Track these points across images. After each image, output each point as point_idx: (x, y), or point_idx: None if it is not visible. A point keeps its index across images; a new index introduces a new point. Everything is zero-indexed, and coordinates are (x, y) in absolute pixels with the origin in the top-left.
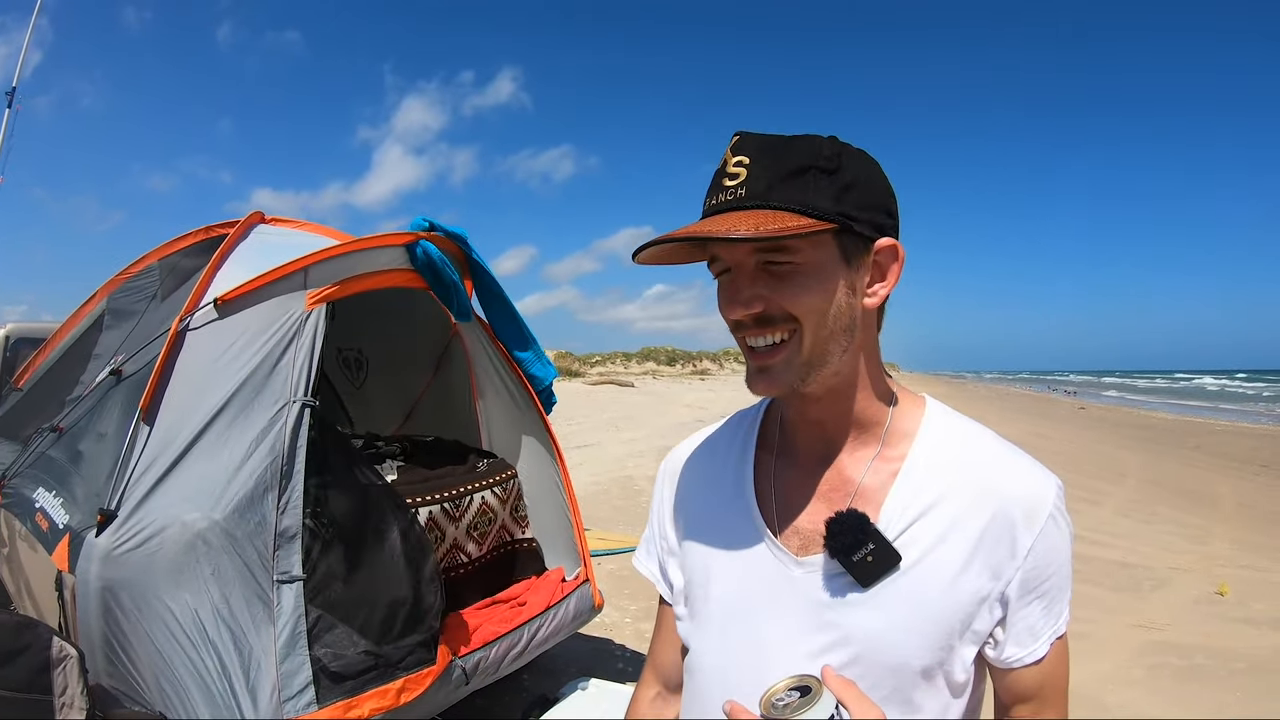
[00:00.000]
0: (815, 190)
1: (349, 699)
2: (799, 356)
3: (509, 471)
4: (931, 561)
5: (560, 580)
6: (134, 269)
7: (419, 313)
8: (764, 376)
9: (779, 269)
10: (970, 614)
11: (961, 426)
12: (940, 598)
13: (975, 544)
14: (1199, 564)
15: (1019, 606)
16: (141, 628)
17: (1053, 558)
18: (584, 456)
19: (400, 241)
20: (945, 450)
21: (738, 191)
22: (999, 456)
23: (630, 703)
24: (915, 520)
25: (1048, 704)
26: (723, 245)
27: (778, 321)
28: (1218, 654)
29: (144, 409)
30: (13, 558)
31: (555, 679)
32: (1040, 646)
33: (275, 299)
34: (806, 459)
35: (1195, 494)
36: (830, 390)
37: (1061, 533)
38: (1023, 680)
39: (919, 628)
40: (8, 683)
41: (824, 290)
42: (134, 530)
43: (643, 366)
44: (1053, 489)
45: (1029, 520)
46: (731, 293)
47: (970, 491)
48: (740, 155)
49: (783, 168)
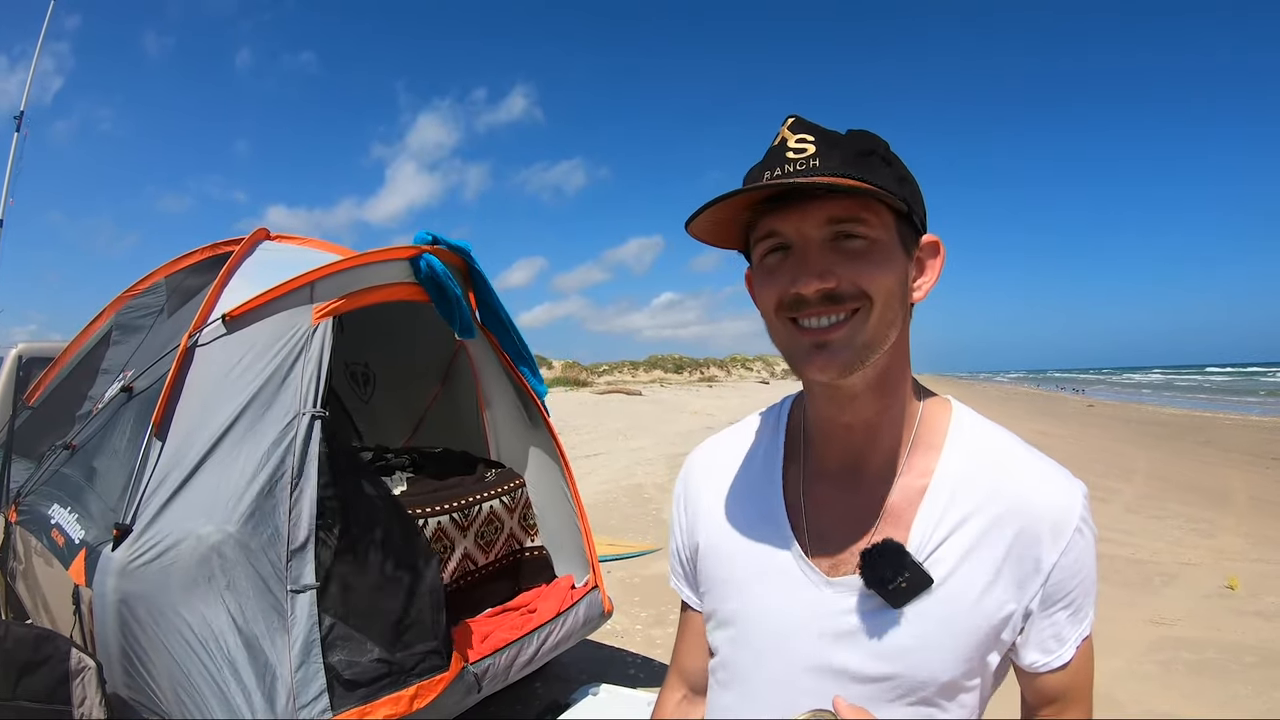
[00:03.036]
0: (879, 173)
1: (363, 706)
2: (861, 335)
3: (517, 480)
4: (960, 578)
5: (570, 587)
6: (140, 286)
7: (425, 326)
8: (823, 353)
9: (852, 244)
10: (998, 627)
11: (988, 436)
12: (968, 614)
13: (1002, 560)
14: (1209, 558)
15: (1045, 615)
16: (158, 639)
17: (1079, 568)
18: (592, 465)
19: (404, 255)
20: (972, 464)
21: (809, 163)
22: (1026, 468)
23: (656, 705)
24: (944, 539)
25: (1072, 704)
26: (789, 216)
27: (846, 300)
28: (1229, 648)
29: (156, 424)
30: (29, 573)
31: (566, 685)
32: (1067, 651)
33: (282, 314)
34: (834, 472)
35: (1205, 489)
36: (870, 384)
37: (1087, 541)
38: (1049, 683)
39: (947, 644)
40: (29, 693)
41: (892, 271)
42: (149, 544)
43: (650, 375)
44: (1079, 499)
45: (1056, 534)
46: (799, 266)
47: (997, 507)
48: (803, 134)
49: (849, 149)
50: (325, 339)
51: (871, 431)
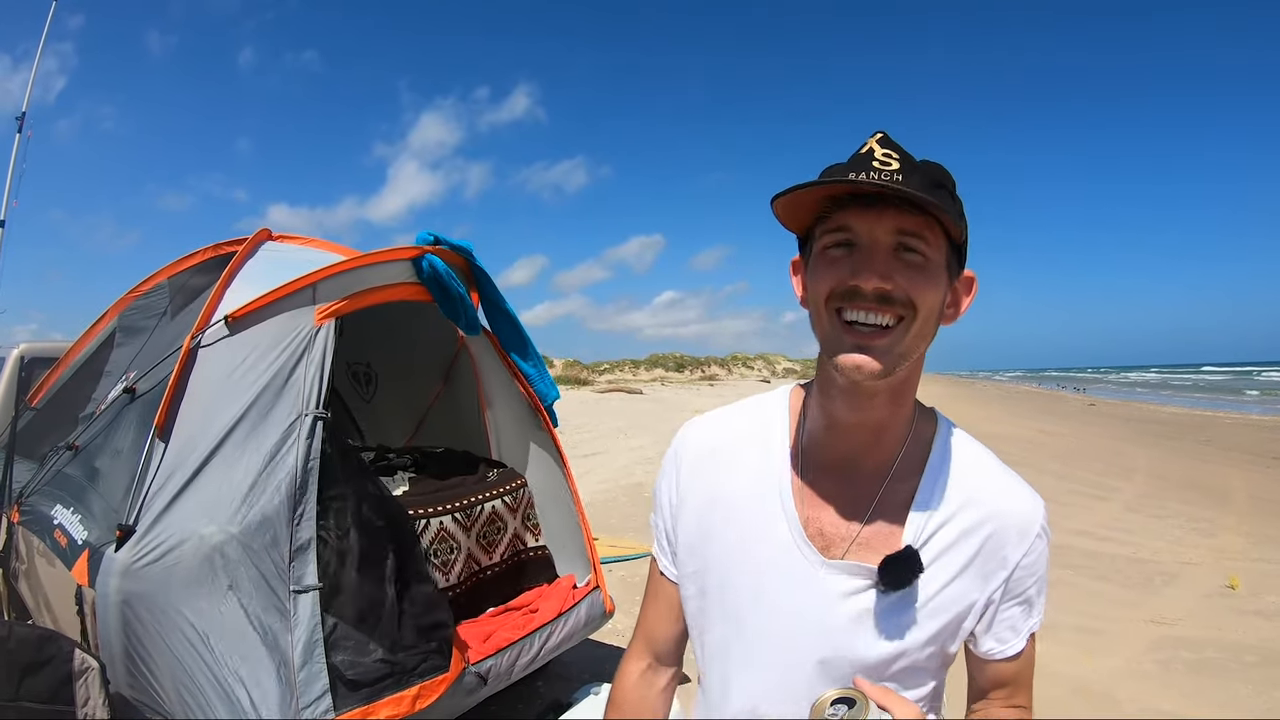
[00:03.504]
0: (948, 204)
1: (365, 706)
2: (901, 344)
3: (519, 480)
4: (938, 571)
5: (571, 587)
6: (143, 287)
7: (426, 326)
8: (865, 354)
9: (912, 257)
10: (963, 614)
11: (968, 449)
12: (942, 602)
13: (973, 556)
14: (1210, 558)
15: (1004, 608)
16: (161, 639)
17: (1036, 568)
18: (593, 464)
19: (406, 255)
20: (955, 471)
21: (894, 175)
22: (998, 480)
23: (618, 675)
24: (930, 537)
25: (1019, 690)
26: (864, 216)
27: (896, 304)
28: (1229, 647)
29: (159, 426)
30: (31, 573)
31: (568, 685)
32: (1019, 642)
33: (285, 314)
34: (832, 464)
35: (1206, 488)
36: (889, 389)
37: (1045, 546)
38: (1001, 670)
39: (923, 626)
40: (32, 694)
41: (938, 290)
42: (152, 545)
43: (651, 373)
44: (1041, 510)
45: (1020, 538)
46: (863, 263)
47: (974, 512)
48: (889, 150)
49: (927, 176)
50: (328, 340)
51: (877, 432)
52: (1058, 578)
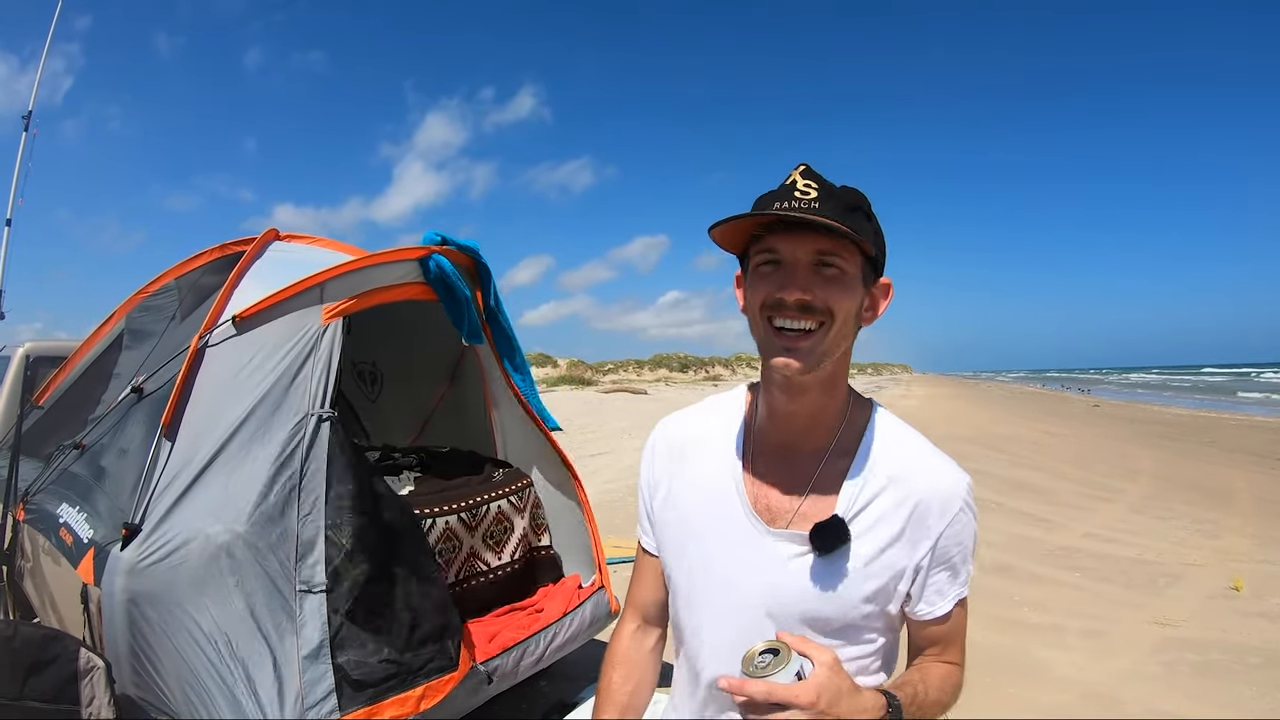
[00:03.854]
0: (860, 225)
1: (371, 706)
2: (821, 345)
3: (525, 480)
4: (870, 538)
5: (577, 587)
6: (152, 288)
7: (432, 325)
8: (791, 355)
9: (828, 271)
10: (895, 578)
11: (898, 432)
12: (875, 567)
13: (902, 526)
14: (1214, 559)
15: (932, 574)
16: (167, 639)
17: (960, 539)
18: (598, 464)
19: (414, 256)
20: (884, 451)
21: (813, 204)
22: (925, 459)
23: (613, 637)
24: (862, 509)
25: (949, 648)
26: (787, 239)
27: (816, 312)
28: (1233, 649)
29: (166, 425)
30: (37, 572)
31: (572, 684)
32: (946, 605)
33: (292, 314)
34: (774, 448)
35: (1210, 489)
36: (820, 382)
37: (969, 518)
38: (932, 631)
39: (856, 588)
40: (37, 693)
41: (853, 298)
42: (158, 544)
43: (655, 374)
44: (964, 485)
45: (944, 510)
46: (787, 279)
47: (902, 486)
48: (809, 180)
49: (842, 201)
50: (335, 339)
51: (811, 420)
52: (1064, 580)
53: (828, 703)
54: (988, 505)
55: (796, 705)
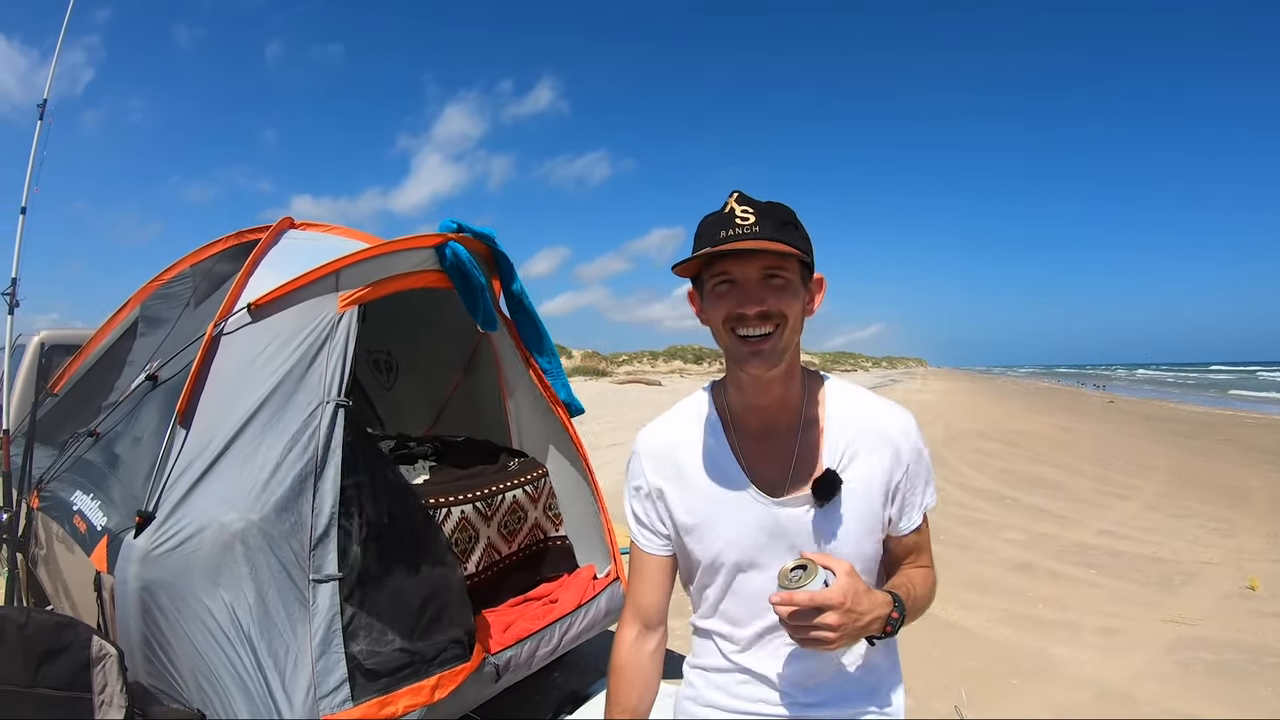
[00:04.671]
0: (793, 236)
1: (384, 696)
2: (780, 343)
3: (540, 470)
4: (856, 483)
5: (591, 578)
6: (167, 275)
7: (448, 314)
8: (758, 358)
9: (776, 283)
10: (883, 505)
11: (849, 392)
12: (867, 503)
13: (877, 464)
14: (1229, 558)
15: (906, 495)
16: (180, 627)
17: (920, 461)
18: (612, 455)
19: (429, 243)
20: (845, 410)
21: (752, 228)
22: (876, 407)
23: (614, 643)
24: (841, 459)
25: (922, 554)
26: (737, 262)
27: (772, 317)
28: (1248, 649)
29: (180, 413)
30: (50, 559)
31: (586, 676)
32: (918, 516)
33: (308, 302)
34: (755, 434)
35: (1225, 488)
36: (782, 374)
37: (922, 444)
38: (907, 542)
39: (859, 525)
40: (49, 681)
41: (798, 300)
42: (172, 531)
43: (669, 365)
44: (910, 419)
45: (905, 439)
46: (744, 296)
47: (868, 432)
48: (745, 206)
49: (776, 220)
50: (350, 327)
51: (779, 405)
52: (1080, 577)
53: (852, 602)
54: (1006, 501)
55: (830, 606)
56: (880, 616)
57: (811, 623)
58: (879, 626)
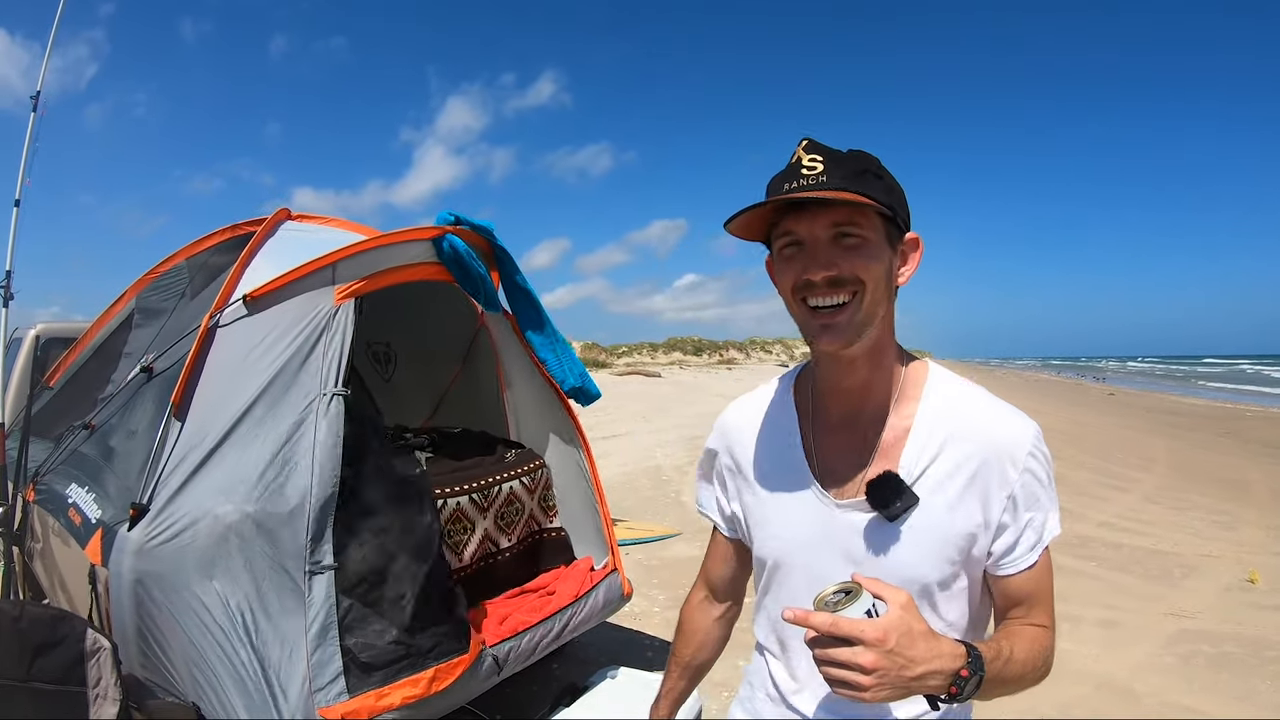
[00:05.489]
0: (873, 187)
1: (380, 688)
2: (858, 315)
3: (537, 461)
4: (938, 497)
5: (589, 569)
6: (162, 268)
7: (446, 306)
8: (829, 332)
9: (849, 242)
10: (971, 535)
11: (957, 386)
12: (946, 524)
13: (970, 479)
14: (1229, 551)
15: (1010, 527)
16: (174, 619)
17: (1034, 487)
18: (612, 447)
19: (427, 235)
20: (945, 408)
21: (819, 178)
22: (987, 410)
23: (686, 599)
24: (927, 467)
25: (1036, 608)
26: (801, 219)
27: (846, 284)
28: (1249, 642)
29: (176, 405)
30: (46, 552)
31: (584, 667)
32: (1029, 556)
33: (304, 294)
34: (837, 422)
35: (1226, 480)
36: (866, 353)
37: (1041, 466)
38: (1014, 586)
39: (932, 549)
40: (44, 674)
41: (880, 262)
42: (166, 523)
43: (669, 357)
44: (1030, 432)
45: (1013, 458)
46: (810, 259)
47: (966, 440)
48: (813, 154)
49: (849, 168)
50: (347, 320)
51: (865, 389)
52: (1081, 570)
53: (899, 643)
54: None
55: (862, 641)
56: (941, 671)
57: (840, 658)
58: (940, 684)
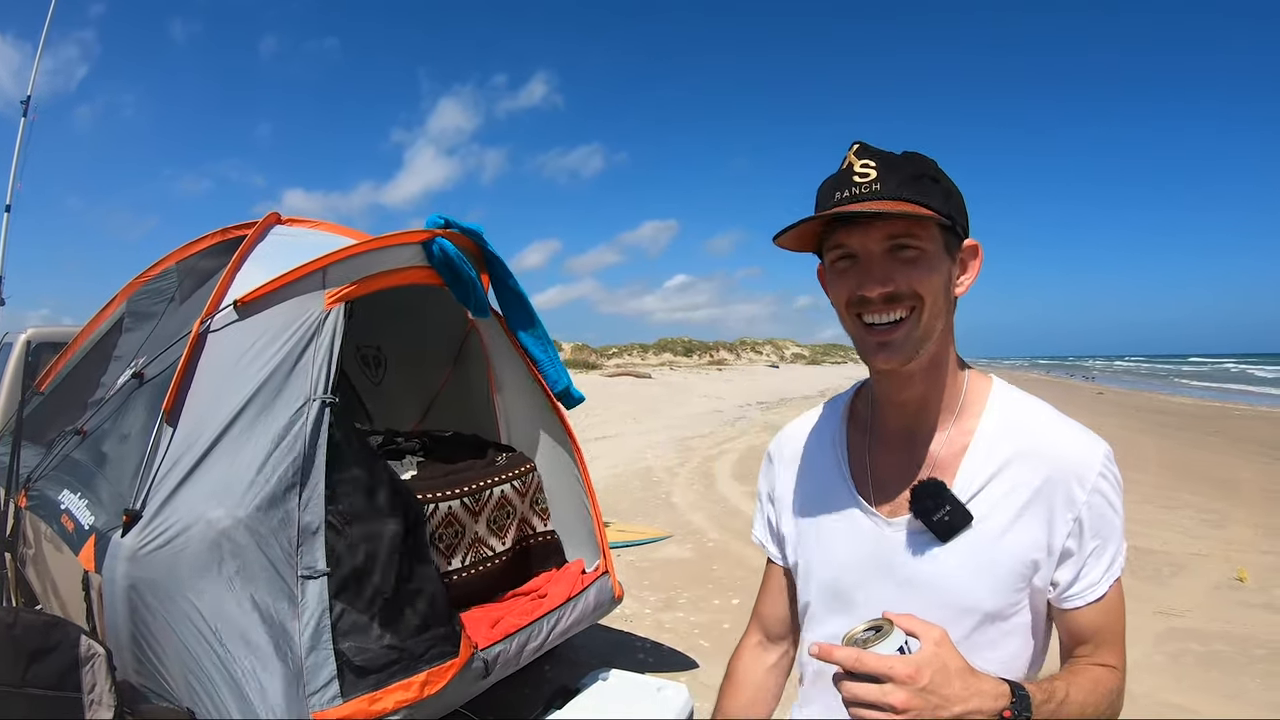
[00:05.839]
0: (930, 193)
1: (373, 692)
2: (916, 331)
3: (528, 465)
4: (996, 518)
5: (580, 572)
6: (152, 272)
7: (436, 309)
8: (885, 350)
9: (906, 253)
10: (1032, 562)
11: (1022, 403)
12: (1004, 548)
13: (1032, 500)
14: (1219, 550)
15: (1076, 555)
16: (168, 625)
17: (1103, 510)
18: (603, 448)
19: (417, 239)
20: (1007, 423)
21: (872, 186)
22: (1053, 428)
23: (736, 649)
24: (984, 485)
25: (1104, 646)
26: (854, 232)
27: (903, 299)
28: (1238, 640)
29: (167, 410)
30: (39, 559)
31: (576, 670)
32: (1098, 588)
33: (294, 299)
34: (894, 437)
35: (1215, 479)
36: (924, 368)
37: (1111, 488)
38: (1081, 621)
39: (987, 574)
40: (38, 681)
41: (939, 274)
42: (159, 529)
43: (659, 358)
44: (1099, 453)
45: (1080, 479)
46: (864, 274)
47: (1029, 457)
48: (866, 160)
49: (905, 174)
50: (337, 324)
51: (923, 404)
52: None
53: (932, 680)
54: None
55: (891, 678)
56: (980, 711)
57: (869, 697)
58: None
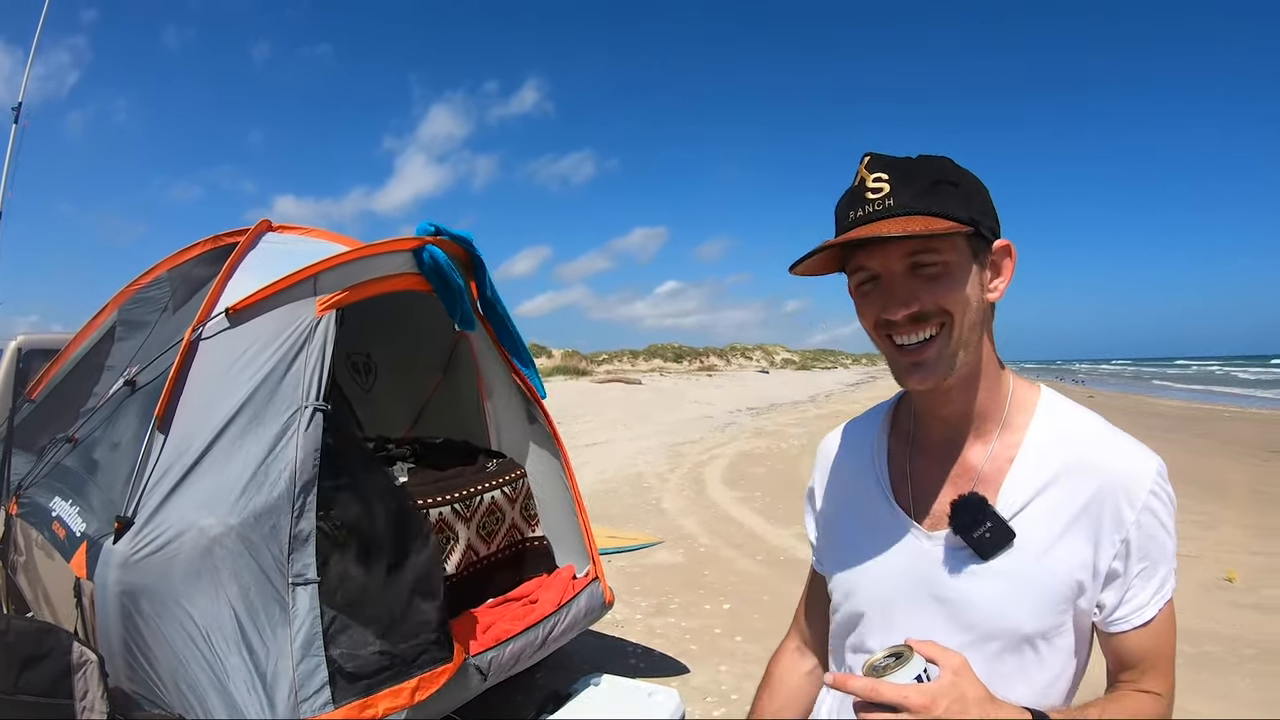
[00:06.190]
0: (948, 200)
1: (364, 699)
2: (948, 348)
3: (518, 471)
4: (1041, 536)
5: (571, 578)
6: (144, 280)
7: (426, 316)
8: (919, 370)
9: (929, 270)
10: (1077, 583)
11: (1071, 414)
12: (1047, 568)
13: (1077, 517)
14: (1209, 550)
15: (1123, 575)
16: (160, 632)
17: (1153, 530)
18: (593, 455)
19: (407, 246)
20: (1055, 436)
21: (885, 203)
22: (1103, 441)
23: (776, 651)
24: (1029, 501)
25: (1149, 673)
26: (873, 253)
27: (931, 318)
28: (1227, 640)
29: (159, 418)
30: (30, 566)
31: (567, 675)
32: (1146, 611)
33: (285, 307)
34: (936, 447)
35: (1204, 481)
36: (962, 380)
37: (1163, 506)
38: (1128, 645)
39: (1028, 595)
40: (30, 688)
41: (966, 286)
42: (151, 536)
43: (649, 364)
44: (1152, 468)
45: (1130, 496)
46: (887, 296)
47: (1077, 472)
48: (878, 172)
49: (919, 182)
50: (328, 331)
51: (964, 417)
52: None
53: (948, 710)
54: None
55: (906, 708)
56: None
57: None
58: None
